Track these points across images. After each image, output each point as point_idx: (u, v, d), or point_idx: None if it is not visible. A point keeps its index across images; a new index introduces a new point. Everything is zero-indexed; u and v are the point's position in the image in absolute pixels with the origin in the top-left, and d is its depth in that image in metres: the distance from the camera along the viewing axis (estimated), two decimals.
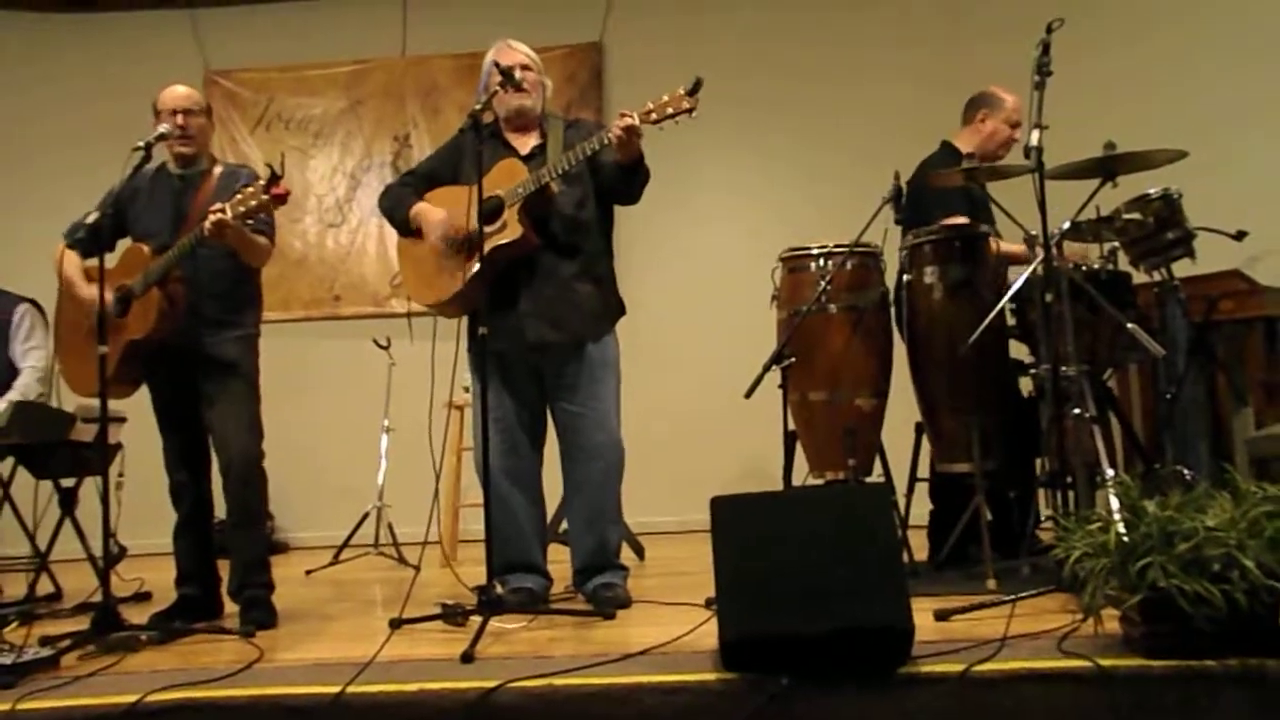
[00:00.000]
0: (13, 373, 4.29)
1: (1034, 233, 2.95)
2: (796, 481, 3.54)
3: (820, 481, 3.48)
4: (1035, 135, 2.86)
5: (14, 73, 6.36)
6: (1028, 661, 2.16)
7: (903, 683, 2.13)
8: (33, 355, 4.30)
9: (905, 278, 3.39)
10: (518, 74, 3.19)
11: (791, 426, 3.48)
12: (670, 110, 2.93)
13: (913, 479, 3.60)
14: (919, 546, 3.50)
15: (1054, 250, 2.92)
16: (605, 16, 6.08)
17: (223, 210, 2.99)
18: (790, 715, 2.11)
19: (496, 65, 3.16)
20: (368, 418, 5.23)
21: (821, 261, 3.45)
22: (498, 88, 3.11)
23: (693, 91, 2.91)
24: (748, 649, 2.19)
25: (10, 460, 4.31)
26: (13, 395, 4.12)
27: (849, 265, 3.40)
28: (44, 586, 4.21)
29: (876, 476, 3.49)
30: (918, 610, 2.21)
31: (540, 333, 3.17)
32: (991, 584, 2.95)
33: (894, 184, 3.36)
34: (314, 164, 6.27)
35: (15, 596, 4.15)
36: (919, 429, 3.55)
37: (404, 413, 5.02)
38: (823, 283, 3.35)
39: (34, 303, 4.37)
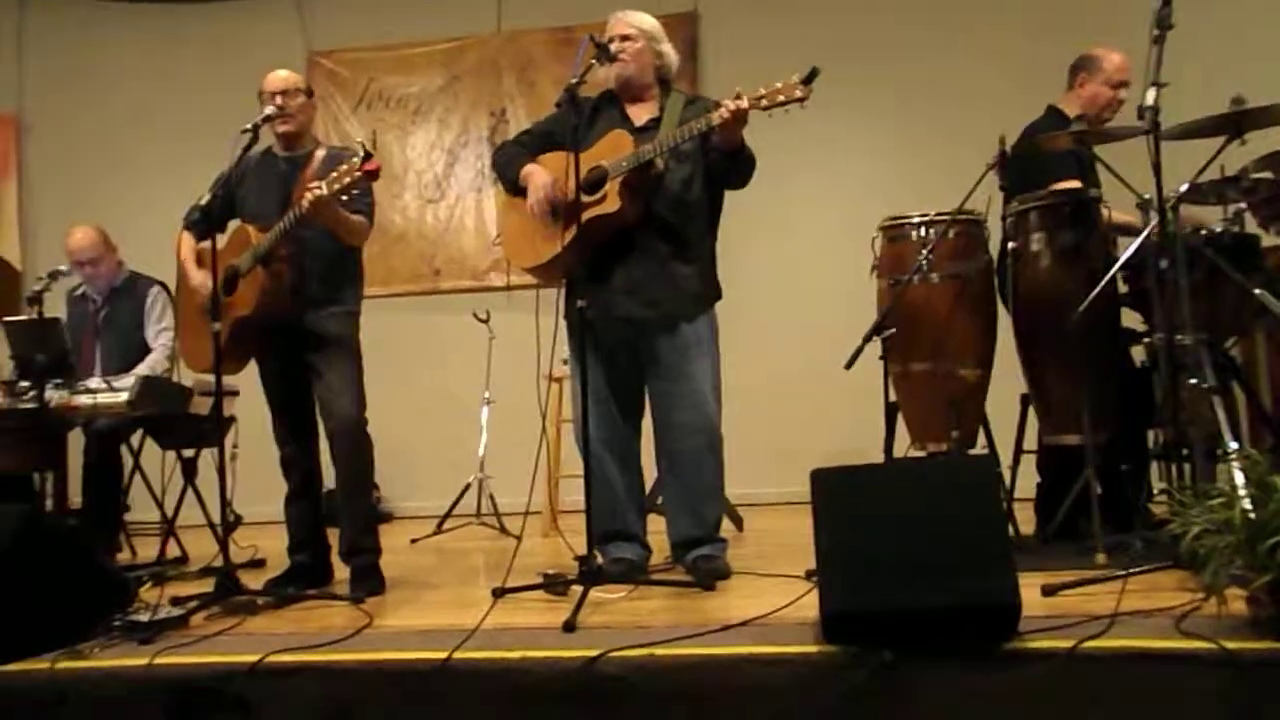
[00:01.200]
0: (146, 351, 4.50)
1: (1148, 196, 2.83)
2: (898, 454, 3.48)
3: (922, 454, 3.42)
4: (1151, 94, 2.73)
5: (126, 65, 6.62)
6: (1142, 640, 2.08)
7: (1009, 658, 2.09)
8: (163, 336, 4.51)
9: (1010, 245, 3.28)
10: (615, 45, 3.18)
11: (893, 398, 3.43)
12: (782, 98, 2.88)
13: (1018, 451, 3.51)
14: (1024, 520, 3.42)
15: (1171, 214, 2.80)
16: None
17: (319, 188, 3.06)
18: (893, 689, 2.09)
19: (591, 38, 3.14)
20: (468, 390, 5.33)
21: (923, 230, 3.37)
22: (592, 61, 3.10)
23: (808, 80, 2.85)
24: (850, 622, 2.17)
25: (140, 432, 4.54)
26: (141, 370, 4.33)
27: (952, 233, 3.32)
28: (171, 550, 4.45)
29: (980, 449, 3.42)
30: (1024, 585, 2.15)
31: (631, 309, 3.17)
32: (1101, 559, 2.86)
33: (999, 149, 3.26)
34: (413, 141, 6.39)
35: (147, 559, 4.40)
36: (1025, 400, 3.45)
37: (504, 385, 5.11)
38: (924, 252, 3.27)
39: (163, 285, 4.56)
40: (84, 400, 3.77)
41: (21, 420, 3.70)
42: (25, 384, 3.73)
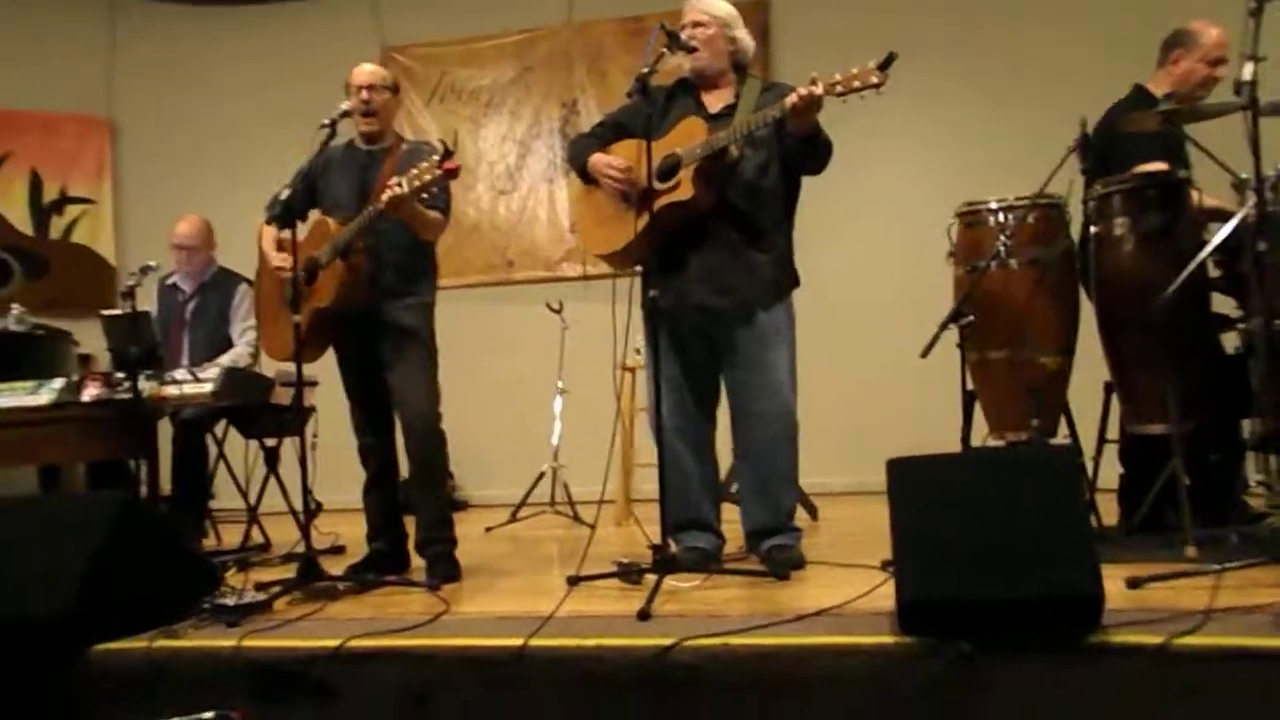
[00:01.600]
0: (230, 346, 4.64)
1: (1245, 176, 2.72)
2: (975, 443, 3.42)
3: (1000, 443, 3.35)
4: (1249, 69, 2.62)
5: (211, 66, 6.80)
6: (1240, 638, 1.99)
7: (1093, 652, 2.04)
8: (249, 334, 4.63)
9: (1092, 230, 3.19)
10: (688, 32, 3.16)
11: (970, 386, 3.36)
12: (858, 84, 2.83)
13: (1101, 441, 3.42)
14: (1107, 511, 3.34)
15: (1270, 194, 2.68)
16: None
17: (399, 185, 3.11)
18: (971, 681, 2.06)
19: (662, 26, 3.13)
20: (542, 380, 5.38)
21: (1000, 216, 3.30)
22: (664, 49, 3.09)
23: (884, 66, 2.80)
24: (927, 612, 2.14)
25: (224, 422, 4.68)
26: (224, 361, 4.46)
27: (1031, 218, 3.24)
28: (255, 536, 4.57)
29: (1062, 438, 3.34)
30: (1108, 577, 2.10)
31: (705, 298, 3.16)
32: (1191, 552, 2.77)
33: (1080, 132, 3.17)
34: (485, 133, 6.45)
35: (232, 545, 4.53)
36: (1108, 388, 3.36)
37: (577, 375, 5.14)
38: (1002, 237, 3.20)
39: (250, 283, 4.69)
40: (172, 390, 3.89)
41: (118, 410, 3.83)
42: (120, 375, 3.86)
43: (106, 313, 4.51)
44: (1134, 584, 2.46)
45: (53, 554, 2.63)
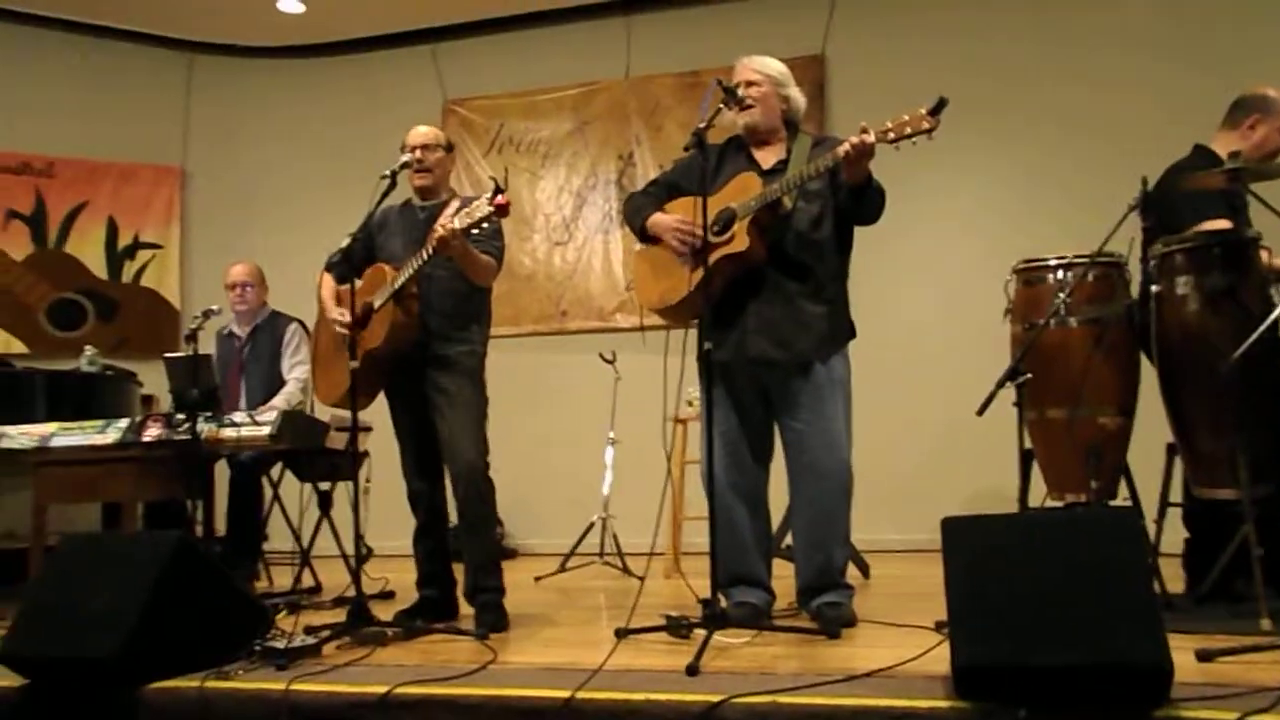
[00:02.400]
0: (282, 383, 4.73)
1: None
2: (1033, 503, 3.35)
3: (1059, 504, 3.29)
4: None
5: (279, 116, 7.03)
6: None
7: None
8: (298, 369, 4.74)
9: (1153, 289, 3.13)
10: (741, 90, 3.20)
11: (1027, 445, 3.31)
12: (909, 130, 2.84)
13: (1164, 504, 3.33)
14: (1171, 577, 3.24)
15: None
16: (827, 28, 6.03)
17: (451, 222, 3.15)
18: None
19: (719, 82, 3.17)
20: (594, 430, 5.39)
21: (1060, 273, 3.27)
22: (721, 105, 3.13)
23: (935, 111, 2.81)
24: (982, 677, 2.09)
25: (279, 465, 4.75)
26: (278, 403, 4.54)
27: (1090, 276, 3.20)
28: (306, 579, 4.61)
29: (1122, 500, 3.26)
30: (1176, 648, 2.02)
31: (763, 349, 3.15)
32: (1266, 624, 2.66)
33: (1141, 190, 3.13)
34: (542, 184, 6.55)
35: (283, 587, 4.57)
36: (1171, 450, 3.28)
37: (628, 426, 5.14)
38: (1061, 295, 3.16)
39: (301, 323, 4.80)
40: (230, 433, 3.96)
41: (177, 451, 3.91)
42: (180, 416, 3.95)
43: (169, 355, 4.63)
44: (1205, 657, 2.36)
45: (111, 592, 2.68)
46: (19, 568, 4.05)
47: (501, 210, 3.12)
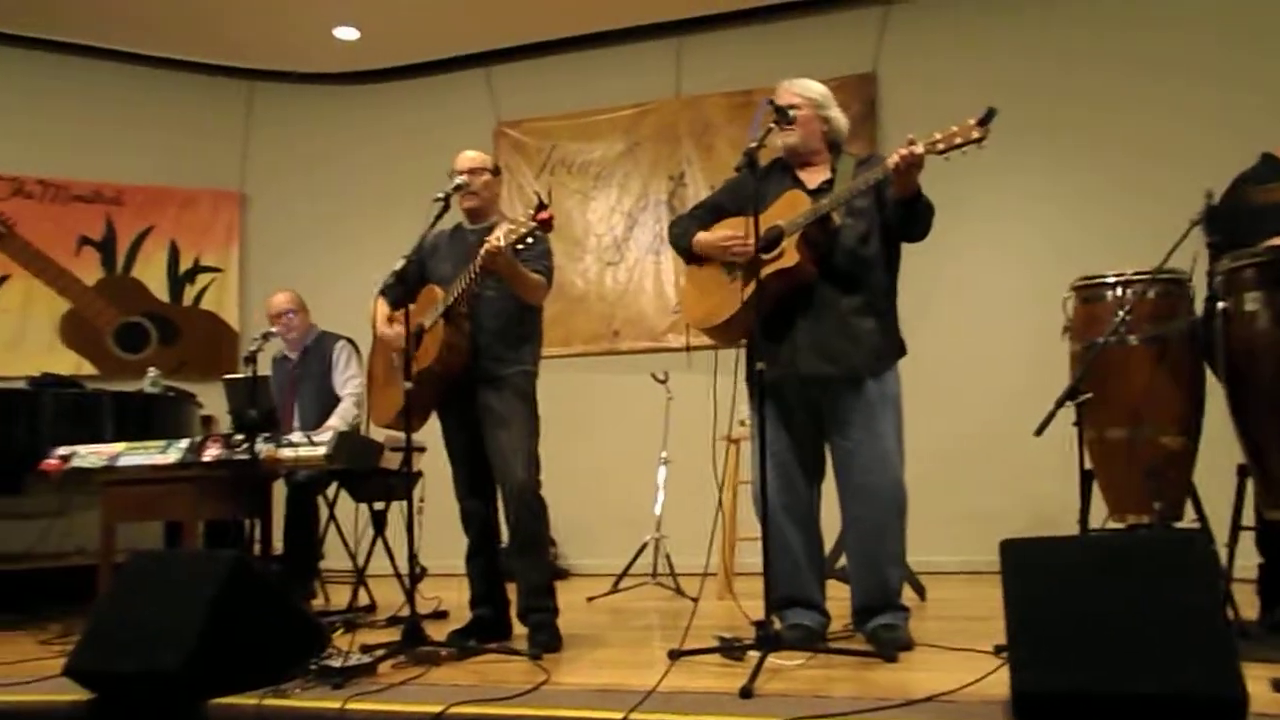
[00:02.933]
0: (336, 400, 4.79)
1: None
2: (1093, 525, 3.28)
3: (1121, 525, 3.21)
4: None
5: (334, 140, 7.16)
6: None
7: None
8: (351, 384, 4.80)
9: (1220, 305, 3.05)
10: (790, 113, 3.20)
11: (1087, 465, 3.24)
12: (958, 140, 2.82)
13: (1236, 527, 3.22)
14: (1244, 604, 3.14)
15: None
16: (878, 45, 6.01)
17: (497, 238, 3.18)
18: None
19: (770, 102, 3.17)
20: (646, 450, 5.38)
21: (1119, 290, 3.21)
22: (772, 124, 3.13)
23: (984, 121, 2.79)
24: (1044, 704, 2.04)
25: (335, 485, 4.81)
26: (334, 423, 4.60)
27: (1151, 293, 3.13)
28: (362, 598, 4.65)
29: (1189, 522, 3.18)
30: (1250, 677, 1.95)
31: (815, 366, 3.13)
32: None
33: (1205, 204, 3.06)
34: (594, 205, 6.59)
35: (339, 606, 4.62)
36: (1242, 471, 3.19)
37: (681, 446, 5.13)
38: (1121, 313, 3.10)
39: (349, 340, 4.87)
40: (287, 453, 4.02)
41: (236, 470, 3.98)
42: (239, 437, 4.02)
43: (228, 376, 4.72)
44: None
45: (172, 609, 2.73)
46: (90, 583, 4.15)
47: (545, 225, 3.13)
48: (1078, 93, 5.63)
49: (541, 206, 3.13)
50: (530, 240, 3.20)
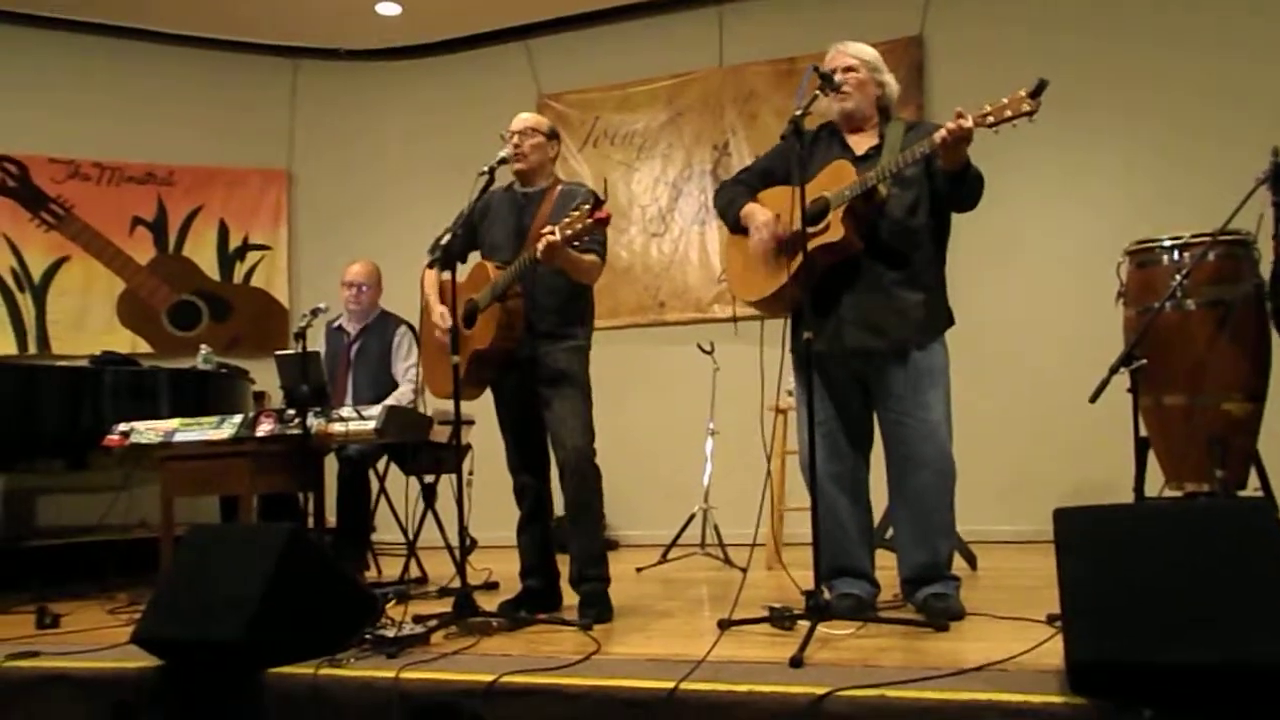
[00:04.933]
0: (392, 385, 4.86)
1: None
2: (1149, 494, 3.23)
3: (1178, 494, 3.15)
4: None
5: (379, 117, 7.19)
6: None
7: None
8: (410, 372, 4.85)
9: None
10: (838, 77, 3.15)
11: (1143, 433, 3.18)
12: (1009, 113, 2.75)
13: None
14: None
15: None
16: (925, 7, 5.89)
17: (553, 233, 3.17)
18: None
19: (815, 69, 3.12)
20: (693, 421, 5.38)
21: (1175, 254, 3.13)
22: (817, 92, 3.08)
23: (1035, 94, 2.71)
24: (1101, 673, 2.01)
25: (385, 458, 4.87)
26: (389, 402, 4.65)
27: (1212, 256, 3.06)
28: (413, 570, 4.72)
29: (1252, 490, 3.11)
30: None
31: (860, 339, 3.10)
32: None
33: (1271, 161, 2.97)
34: (638, 176, 6.56)
35: (391, 577, 4.69)
36: None
37: (728, 416, 5.12)
38: (1178, 277, 3.03)
39: (410, 326, 4.91)
40: (338, 427, 4.08)
41: (289, 445, 4.05)
42: (291, 412, 4.07)
43: (280, 352, 4.78)
44: None
45: (233, 580, 2.79)
46: (153, 555, 4.26)
47: (601, 223, 3.14)
48: (1138, 45, 5.46)
49: (599, 203, 3.13)
50: (586, 238, 3.21)
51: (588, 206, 3.13)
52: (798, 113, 2.96)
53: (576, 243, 3.23)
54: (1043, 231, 5.61)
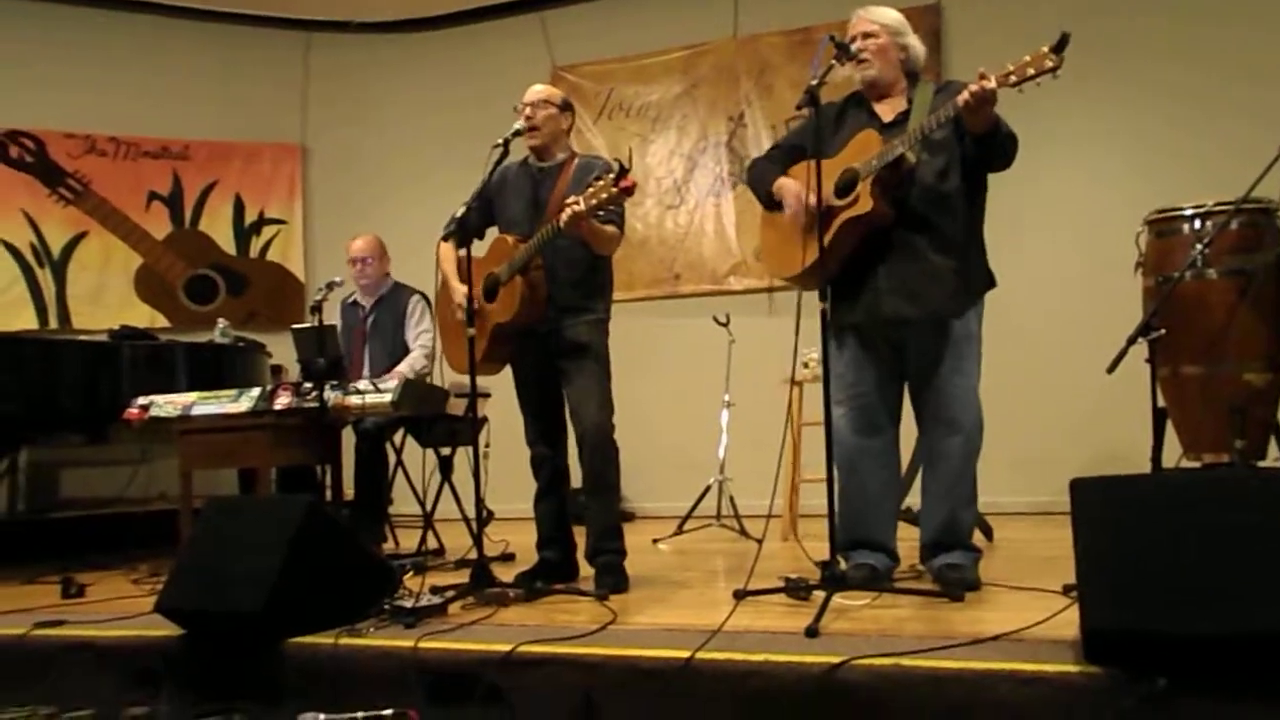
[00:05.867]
0: (407, 353, 4.86)
1: None
2: (1167, 464, 3.21)
3: (1196, 464, 3.14)
4: None
5: (394, 90, 7.18)
6: None
7: None
8: (423, 337, 4.86)
9: None
10: (858, 43, 3.11)
11: (1160, 403, 3.16)
12: (1032, 71, 2.70)
13: None
14: None
15: None
16: None
17: (577, 203, 3.16)
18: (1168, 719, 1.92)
19: (831, 39, 3.07)
20: (708, 393, 5.38)
21: (1196, 223, 3.10)
22: (833, 62, 3.04)
23: (1058, 49, 2.66)
24: (1116, 643, 2.01)
25: (402, 431, 4.89)
26: (403, 369, 4.67)
27: (1234, 224, 3.03)
28: (430, 542, 4.75)
29: (1272, 461, 3.09)
30: None
31: (897, 308, 3.06)
32: None
33: None
34: (653, 148, 6.53)
35: (408, 549, 4.72)
36: None
37: (744, 388, 5.12)
38: (1198, 246, 3.00)
39: (423, 295, 4.91)
40: (355, 400, 4.10)
41: (306, 418, 4.07)
42: (308, 385, 4.09)
43: (296, 326, 4.80)
44: None
45: (253, 552, 2.83)
46: (172, 528, 4.30)
47: (627, 191, 3.12)
48: (1157, 13, 5.38)
49: (624, 172, 3.11)
50: (611, 207, 3.19)
51: (612, 175, 3.12)
52: (813, 82, 2.92)
53: (601, 212, 3.22)
54: (1058, 202, 5.55)
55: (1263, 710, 1.87)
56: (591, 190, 3.15)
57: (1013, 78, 2.74)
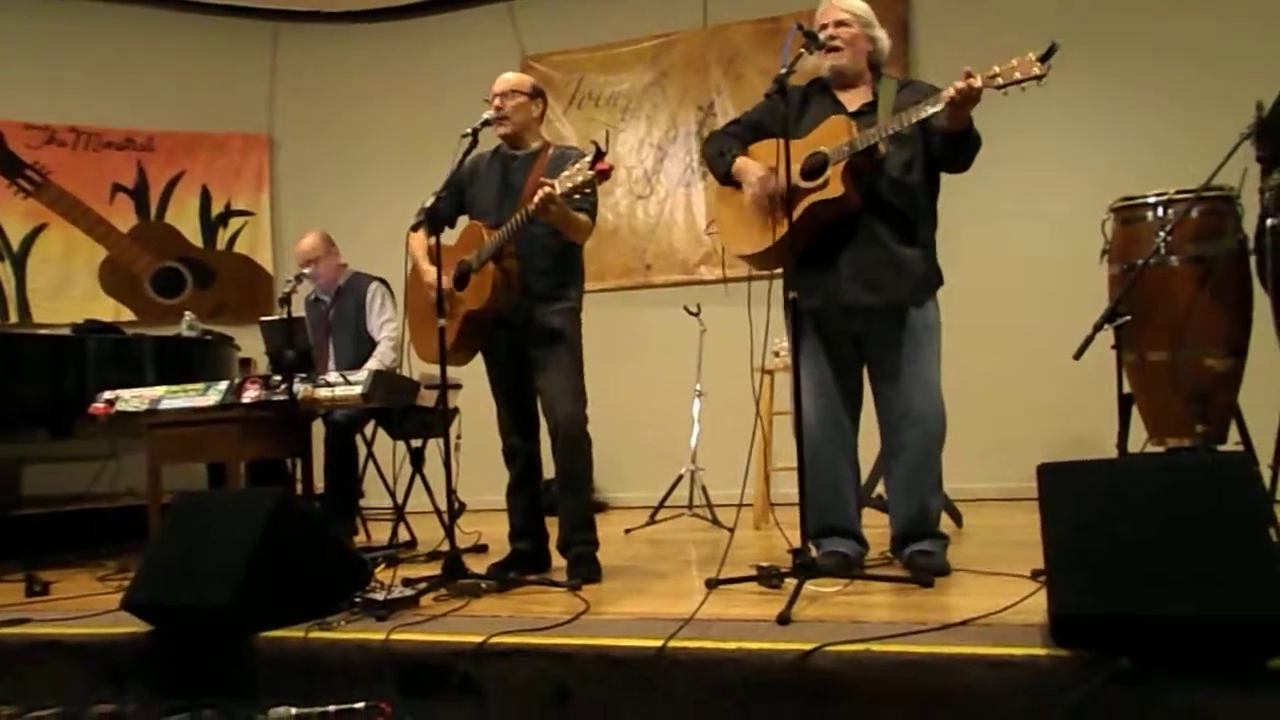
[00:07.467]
0: (373, 344, 4.83)
1: None
2: (1132, 449, 3.25)
3: (1161, 449, 3.18)
4: None
5: (361, 80, 7.11)
6: None
7: (1276, 678, 1.90)
8: (387, 327, 4.83)
9: (1270, 222, 2.97)
10: (829, 32, 3.12)
11: (1126, 389, 3.20)
12: (1018, 76, 2.73)
13: None
14: None
15: None
16: None
17: (551, 185, 3.15)
18: (1133, 699, 1.95)
19: (800, 27, 3.08)
20: (680, 383, 5.39)
21: (1159, 210, 3.14)
22: (802, 50, 3.05)
23: (1045, 57, 2.69)
24: (1082, 626, 2.04)
25: (372, 423, 4.87)
26: (372, 364, 4.64)
27: (1195, 212, 3.06)
28: (402, 534, 4.73)
29: (1233, 445, 3.14)
30: None
31: (857, 296, 3.09)
32: None
33: (1255, 116, 2.97)
34: (623, 138, 6.51)
35: (380, 541, 4.70)
36: None
37: (715, 378, 5.13)
38: (1162, 233, 3.04)
39: (382, 281, 4.88)
40: (324, 393, 4.07)
41: (276, 411, 4.04)
42: (277, 378, 4.06)
43: (265, 319, 4.76)
44: None
45: (221, 546, 2.80)
46: (142, 523, 4.26)
47: (603, 175, 3.11)
48: (1118, 10, 5.43)
49: (599, 155, 3.10)
50: (587, 190, 3.17)
51: (589, 159, 3.11)
52: (782, 71, 2.93)
53: (577, 196, 3.20)
54: (1028, 190, 5.60)
55: (1225, 690, 1.90)
56: (568, 174, 3.14)
57: (999, 80, 2.76)
